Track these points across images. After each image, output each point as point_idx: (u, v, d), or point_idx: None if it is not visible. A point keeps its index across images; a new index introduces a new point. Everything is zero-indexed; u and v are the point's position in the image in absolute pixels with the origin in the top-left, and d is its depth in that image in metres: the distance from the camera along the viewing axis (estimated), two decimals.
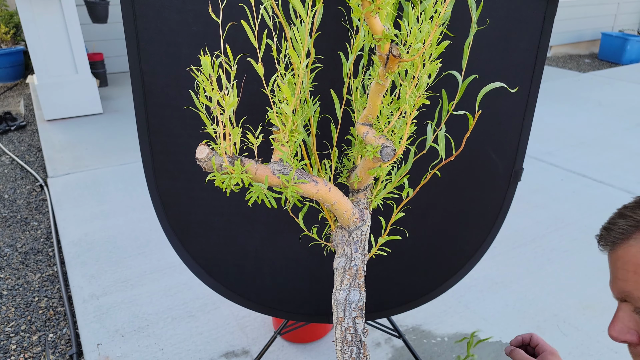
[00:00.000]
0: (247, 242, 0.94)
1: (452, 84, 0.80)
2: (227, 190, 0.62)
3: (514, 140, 0.89)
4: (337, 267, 0.69)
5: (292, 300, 1.02)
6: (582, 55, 6.49)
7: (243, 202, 0.89)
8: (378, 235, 0.82)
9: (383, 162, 0.64)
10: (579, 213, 2.38)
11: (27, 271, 1.99)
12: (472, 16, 0.58)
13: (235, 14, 0.70)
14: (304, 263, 0.97)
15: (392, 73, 0.57)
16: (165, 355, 1.50)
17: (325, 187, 0.65)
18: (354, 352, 0.60)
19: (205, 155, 0.60)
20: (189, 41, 0.75)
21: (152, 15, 0.73)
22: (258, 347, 1.52)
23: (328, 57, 0.76)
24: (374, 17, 0.51)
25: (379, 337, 1.57)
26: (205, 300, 1.73)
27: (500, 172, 0.93)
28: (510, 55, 0.82)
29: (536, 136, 3.34)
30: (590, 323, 1.66)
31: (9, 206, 2.49)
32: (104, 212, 2.32)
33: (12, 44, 4.69)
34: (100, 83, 4.16)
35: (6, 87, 4.53)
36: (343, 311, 0.63)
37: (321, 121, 0.78)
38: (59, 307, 1.78)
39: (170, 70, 0.77)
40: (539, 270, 1.95)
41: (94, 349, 1.53)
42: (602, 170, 2.86)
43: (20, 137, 3.41)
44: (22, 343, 1.62)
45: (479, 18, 0.77)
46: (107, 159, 2.88)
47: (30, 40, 3.25)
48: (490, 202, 0.96)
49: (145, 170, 0.85)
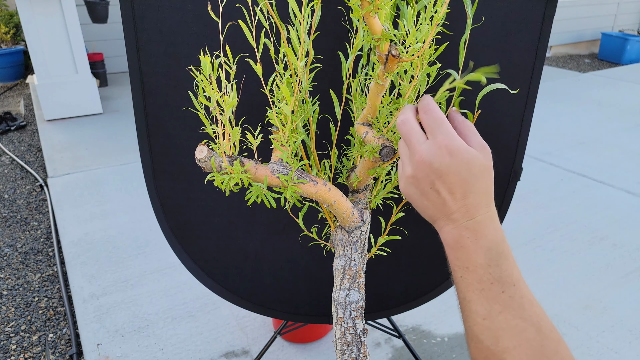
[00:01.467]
0: (246, 243, 0.94)
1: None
2: (226, 190, 0.62)
3: (513, 140, 0.89)
4: (336, 267, 0.69)
5: (291, 301, 1.02)
6: (582, 55, 6.48)
7: (243, 203, 0.89)
8: (378, 235, 0.82)
9: (383, 162, 0.64)
10: (579, 213, 2.38)
11: (27, 271, 1.99)
12: (468, 14, 0.58)
13: (235, 14, 0.70)
14: (304, 263, 0.97)
15: (391, 73, 0.57)
16: (165, 355, 1.50)
17: (325, 187, 0.65)
18: (354, 352, 0.60)
19: (204, 155, 0.60)
20: (189, 41, 0.75)
21: (151, 16, 0.73)
22: (258, 347, 1.52)
23: (328, 57, 0.76)
24: (373, 17, 0.51)
25: (379, 337, 1.57)
26: (205, 300, 1.73)
27: (500, 171, 0.93)
28: (510, 55, 0.82)
29: (536, 136, 3.34)
30: (590, 323, 1.66)
31: (9, 206, 2.49)
32: (104, 212, 2.32)
33: (12, 44, 4.69)
34: (100, 83, 4.16)
35: (6, 87, 4.53)
36: (342, 311, 0.63)
37: (320, 121, 0.78)
38: (59, 307, 1.78)
39: (169, 71, 0.77)
40: (539, 270, 1.95)
41: (94, 349, 1.53)
42: (602, 170, 2.86)
43: (20, 137, 3.41)
44: (22, 343, 1.62)
45: (478, 17, 0.77)
46: (107, 159, 2.88)
47: (30, 40, 3.25)
48: None
49: (144, 171, 0.85)
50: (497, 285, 0.45)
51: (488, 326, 0.44)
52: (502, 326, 0.44)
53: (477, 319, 0.45)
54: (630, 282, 1.88)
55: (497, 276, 0.46)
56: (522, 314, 0.44)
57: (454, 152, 0.48)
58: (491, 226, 0.48)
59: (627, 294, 1.81)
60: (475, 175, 0.49)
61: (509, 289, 0.45)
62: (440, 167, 0.49)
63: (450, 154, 0.48)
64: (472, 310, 0.46)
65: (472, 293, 0.46)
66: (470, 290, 0.46)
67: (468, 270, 0.47)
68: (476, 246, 0.47)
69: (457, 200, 0.49)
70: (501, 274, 0.46)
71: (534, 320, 0.44)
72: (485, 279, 0.46)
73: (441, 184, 0.49)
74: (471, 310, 0.46)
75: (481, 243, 0.47)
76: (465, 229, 0.48)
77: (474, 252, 0.47)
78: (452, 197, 0.49)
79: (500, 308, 0.44)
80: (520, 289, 0.46)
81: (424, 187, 0.50)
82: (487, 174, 0.50)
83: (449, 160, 0.48)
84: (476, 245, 0.47)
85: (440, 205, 0.50)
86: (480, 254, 0.47)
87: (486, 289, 0.45)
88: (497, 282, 0.45)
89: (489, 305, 0.45)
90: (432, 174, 0.49)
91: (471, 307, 0.46)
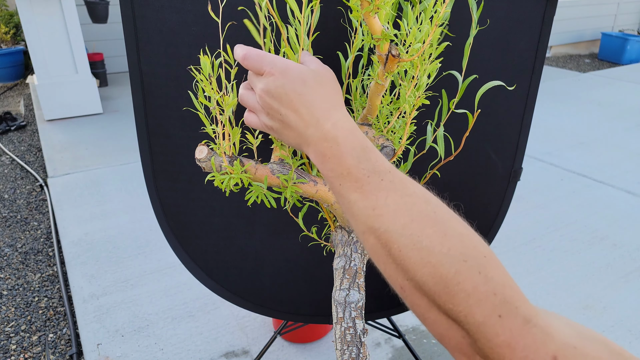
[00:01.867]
0: (246, 243, 0.94)
1: (451, 84, 0.80)
2: (226, 190, 0.62)
3: (513, 140, 0.89)
4: (336, 267, 0.69)
5: (291, 301, 1.02)
6: (582, 55, 6.48)
7: (243, 203, 0.89)
8: None
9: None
10: (579, 213, 2.38)
11: (27, 271, 1.99)
12: (473, 16, 0.58)
13: (236, 15, 0.70)
14: (304, 263, 0.97)
15: (391, 73, 0.57)
16: (165, 355, 1.50)
17: (325, 187, 0.65)
18: (354, 352, 0.60)
19: (204, 155, 0.60)
20: (189, 41, 0.75)
21: (151, 16, 0.73)
22: (258, 347, 1.52)
23: (328, 57, 0.76)
24: (373, 17, 0.51)
25: (379, 337, 1.57)
26: (205, 300, 1.73)
27: (500, 171, 0.93)
28: (510, 55, 0.82)
29: (536, 136, 3.34)
30: (590, 323, 1.66)
31: (9, 206, 2.49)
32: (104, 212, 2.32)
33: (12, 44, 4.69)
34: (100, 83, 4.16)
35: (6, 87, 4.53)
36: (342, 311, 0.63)
37: None
38: (59, 307, 1.78)
39: (169, 71, 0.77)
40: (539, 270, 1.95)
41: (94, 349, 1.53)
42: (602, 170, 2.86)
43: (20, 137, 3.41)
44: (22, 343, 1.62)
45: (479, 18, 0.77)
46: (107, 159, 2.88)
47: (30, 40, 3.25)
48: (490, 201, 0.96)
49: (144, 171, 0.85)
50: (374, 176, 0.46)
51: (380, 213, 0.45)
52: (393, 208, 0.44)
53: (368, 212, 0.45)
54: (630, 282, 1.88)
55: (371, 168, 0.47)
56: (406, 191, 0.45)
57: (284, 71, 0.50)
58: (346, 126, 0.49)
59: (627, 294, 1.81)
60: (312, 86, 0.50)
61: (386, 176, 0.46)
62: (276, 90, 0.50)
63: (282, 74, 0.50)
64: (360, 208, 0.46)
65: (355, 193, 0.47)
66: (352, 191, 0.47)
67: (343, 176, 0.47)
68: (341, 151, 0.48)
69: (304, 117, 0.50)
70: (374, 166, 0.47)
71: (419, 193, 0.45)
72: (361, 176, 0.47)
73: (286, 108, 0.50)
74: (360, 208, 0.46)
75: (344, 146, 0.48)
76: (325, 141, 0.49)
77: (341, 157, 0.48)
78: (298, 117, 0.50)
79: (385, 194, 0.45)
80: (396, 173, 0.47)
81: (275, 120, 0.51)
82: (325, 80, 0.51)
83: (282, 81, 0.49)
84: (340, 150, 0.48)
85: (296, 129, 0.51)
86: (348, 157, 0.47)
87: (365, 183, 0.46)
88: (373, 174, 0.46)
89: (374, 196, 0.45)
90: (274, 102, 0.50)
91: (359, 205, 0.46)
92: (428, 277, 0.41)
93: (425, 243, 0.42)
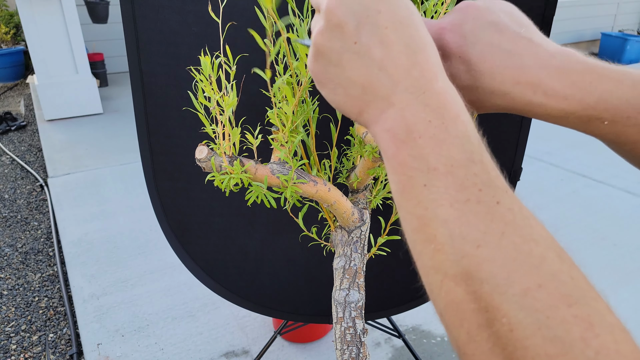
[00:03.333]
0: (246, 243, 0.94)
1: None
2: (226, 190, 0.62)
3: (513, 140, 0.89)
4: (336, 267, 0.69)
5: (291, 301, 1.02)
6: None
7: (243, 203, 0.89)
8: (377, 235, 0.82)
9: (382, 162, 0.64)
10: (579, 213, 2.38)
11: (27, 271, 1.99)
12: None
13: (236, 15, 0.71)
14: (304, 263, 0.97)
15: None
16: (165, 355, 1.50)
17: (325, 187, 0.65)
18: (354, 352, 0.60)
19: (204, 155, 0.60)
20: (189, 42, 0.75)
21: (151, 16, 0.73)
22: (258, 347, 1.52)
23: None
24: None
25: (379, 337, 1.57)
26: (205, 300, 1.73)
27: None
28: None
29: (536, 136, 3.34)
30: None
31: (9, 206, 2.49)
32: (104, 212, 2.32)
33: (12, 44, 4.69)
34: (100, 83, 4.16)
35: (6, 87, 4.53)
36: (342, 311, 0.63)
37: (320, 121, 0.78)
38: (59, 307, 1.78)
39: (169, 71, 0.77)
40: None
41: (94, 349, 1.53)
42: (602, 170, 2.86)
43: (21, 137, 3.41)
44: (22, 343, 1.62)
45: None
46: (107, 159, 2.88)
47: (30, 40, 3.25)
48: None
49: (144, 171, 0.85)
50: (487, 191, 0.27)
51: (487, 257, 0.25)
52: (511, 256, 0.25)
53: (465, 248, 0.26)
54: (630, 282, 1.88)
55: (486, 179, 0.27)
56: (531, 232, 0.27)
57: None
58: (460, 101, 0.30)
59: (627, 294, 1.81)
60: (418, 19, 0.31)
61: (504, 197, 0.27)
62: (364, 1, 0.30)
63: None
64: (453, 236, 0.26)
65: (449, 208, 0.27)
66: (443, 202, 0.27)
67: (437, 173, 0.27)
68: (447, 132, 0.28)
69: (399, 59, 0.29)
70: (489, 175, 0.28)
71: (549, 242, 0.27)
72: (469, 184, 0.27)
73: (371, 33, 0.30)
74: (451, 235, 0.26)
75: (453, 127, 0.28)
76: (425, 106, 0.28)
77: (444, 142, 0.28)
78: (389, 55, 0.29)
79: (501, 227, 0.26)
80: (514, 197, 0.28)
81: (345, 45, 0.30)
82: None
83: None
84: (446, 130, 0.28)
85: (375, 75, 0.30)
86: (455, 145, 0.28)
87: (473, 198, 0.27)
88: (487, 188, 0.27)
89: (483, 225, 0.26)
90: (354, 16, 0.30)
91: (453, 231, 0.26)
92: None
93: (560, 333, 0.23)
